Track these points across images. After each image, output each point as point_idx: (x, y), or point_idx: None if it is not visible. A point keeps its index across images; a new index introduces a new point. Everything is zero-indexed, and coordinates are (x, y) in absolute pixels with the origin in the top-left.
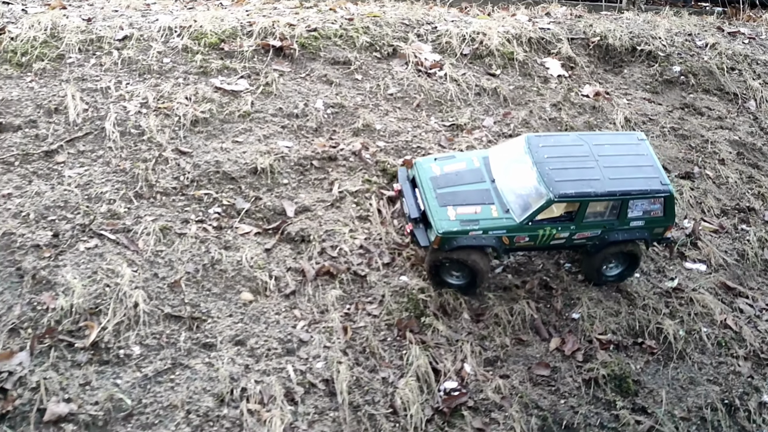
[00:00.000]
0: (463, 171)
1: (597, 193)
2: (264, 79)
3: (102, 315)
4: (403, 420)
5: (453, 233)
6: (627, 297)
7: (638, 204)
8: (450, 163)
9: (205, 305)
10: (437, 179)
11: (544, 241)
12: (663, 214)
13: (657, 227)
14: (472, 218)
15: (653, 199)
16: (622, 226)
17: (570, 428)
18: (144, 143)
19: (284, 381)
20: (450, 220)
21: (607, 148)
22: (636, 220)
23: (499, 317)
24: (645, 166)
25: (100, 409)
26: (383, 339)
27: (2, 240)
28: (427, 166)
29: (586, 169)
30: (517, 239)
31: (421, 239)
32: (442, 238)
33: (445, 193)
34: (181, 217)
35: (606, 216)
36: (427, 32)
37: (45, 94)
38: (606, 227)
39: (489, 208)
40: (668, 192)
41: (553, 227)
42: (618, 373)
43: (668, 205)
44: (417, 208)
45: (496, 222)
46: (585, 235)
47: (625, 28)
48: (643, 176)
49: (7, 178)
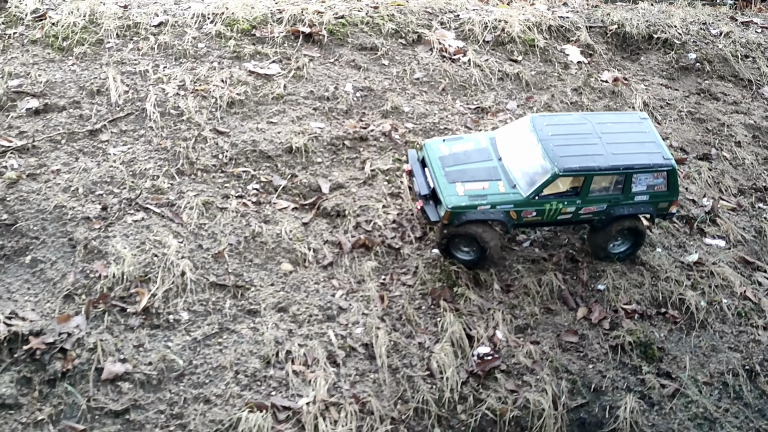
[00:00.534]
0: (471, 150)
1: (601, 168)
2: (295, 64)
3: (151, 282)
4: (440, 382)
5: (462, 208)
6: (650, 270)
7: (642, 178)
8: (458, 143)
9: (248, 275)
10: (446, 158)
11: (552, 216)
12: (667, 188)
13: (661, 202)
14: (480, 193)
15: (656, 173)
16: (627, 201)
17: (598, 391)
18: (183, 123)
19: (326, 345)
20: (459, 196)
21: (610, 126)
22: (640, 194)
23: (528, 288)
24: (647, 142)
25: (154, 369)
26: (418, 307)
27: (54, 212)
28: (435, 146)
29: (590, 145)
30: (525, 214)
31: (431, 215)
32: (451, 213)
33: (453, 171)
34: (221, 193)
35: (611, 191)
36: (449, 20)
37: (87, 76)
38: (611, 202)
39: (496, 183)
40: (671, 166)
41: (560, 202)
42: (643, 340)
43: (671, 179)
44: (427, 185)
45: (503, 197)
46: (591, 210)
47: (641, 17)
48: (646, 151)
49: (55, 155)
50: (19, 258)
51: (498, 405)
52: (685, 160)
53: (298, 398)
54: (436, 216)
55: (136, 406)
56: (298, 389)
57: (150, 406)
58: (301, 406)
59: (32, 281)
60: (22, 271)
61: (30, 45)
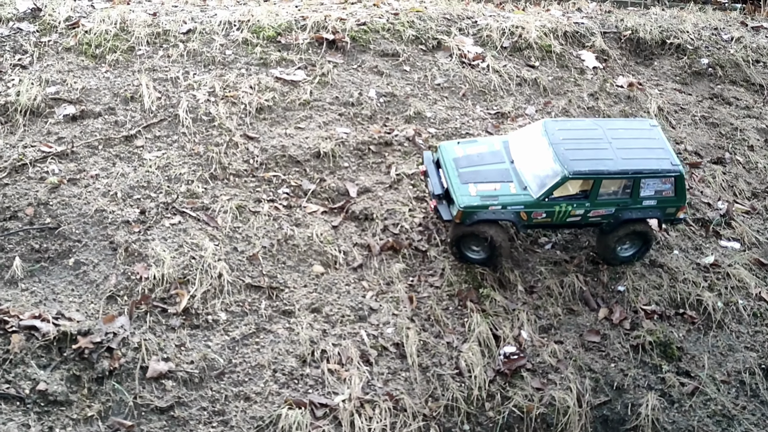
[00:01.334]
0: (484, 153)
1: (610, 171)
2: (320, 70)
3: (190, 284)
4: (468, 380)
5: (473, 207)
6: (668, 272)
7: (650, 183)
8: (472, 146)
9: (282, 276)
10: (459, 160)
11: (561, 218)
12: (674, 194)
13: (669, 207)
14: (491, 194)
15: (664, 178)
16: (635, 205)
17: (620, 389)
18: (215, 129)
19: (359, 344)
20: (471, 196)
21: (620, 132)
22: (648, 199)
23: (551, 289)
24: (656, 148)
25: (196, 368)
26: (446, 308)
27: (95, 216)
28: (450, 148)
29: (600, 150)
30: (535, 215)
31: (444, 214)
32: (463, 212)
33: (466, 172)
34: (253, 197)
35: (619, 195)
36: (468, 26)
37: (120, 83)
38: (619, 205)
39: (508, 185)
40: (678, 172)
41: (569, 204)
42: (663, 340)
43: (679, 185)
44: (441, 185)
45: (514, 198)
46: (600, 213)
47: (654, 23)
48: (655, 157)
49: (93, 160)
50: (62, 260)
51: (525, 402)
52: (700, 164)
53: (334, 396)
54: (449, 215)
55: (180, 403)
56: (334, 387)
57: (193, 403)
58: (337, 404)
59: (76, 283)
60: (66, 273)
61: (64, 52)
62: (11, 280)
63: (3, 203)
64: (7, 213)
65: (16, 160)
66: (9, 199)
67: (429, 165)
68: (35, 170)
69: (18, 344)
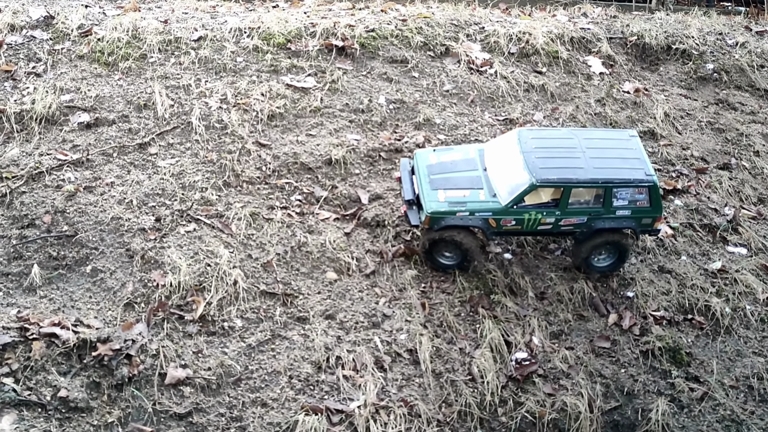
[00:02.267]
0: (459, 160)
1: (579, 180)
2: (330, 77)
3: (206, 291)
4: (481, 386)
5: (441, 213)
6: (676, 277)
7: (623, 193)
8: (447, 154)
9: (296, 283)
10: (433, 167)
11: (531, 226)
12: (649, 204)
13: (644, 218)
14: (460, 200)
15: (638, 188)
16: (608, 215)
17: (631, 394)
18: (227, 136)
19: (373, 350)
20: (439, 202)
21: (596, 141)
22: (622, 209)
23: (561, 295)
24: (631, 158)
25: (213, 374)
26: (458, 314)
27: (111, 224)
28: (425, 155)
29: (572, 158)
30: (504, 222)
31: (412, 219)
32: (431, 218)
33: (438, 179)
34: (266, 204)
35: (591, 204)
36: (475, 32)
37: (133, 91)
38: (591, 215)
39: (477, 192)
40: (651, 182)
41: (539, 212)
42: (672, 345)
43: (653, 195)
44: (412, 191)
45: (483, 204)
46: (571, 222)
47: (659, 28)
48: (628, 167)
49: (108, 168)
50: (80, 268)
51: (537, 408)
52: (706, 170)
53: (349, 402)
54: (417, 220)
55: (198, 409)
56: (349, 393)
57: (211, 409)
58: (353, 410)
59: (93, 290)
60: (83, 281)
61: (78, 60)
62: (30, 288)
63: (21, 211)
64: (24, 221)
65: (33, 168)
66: (26, 207)
67: (403, 171)
68: (52, 178)
69: (39, 351)
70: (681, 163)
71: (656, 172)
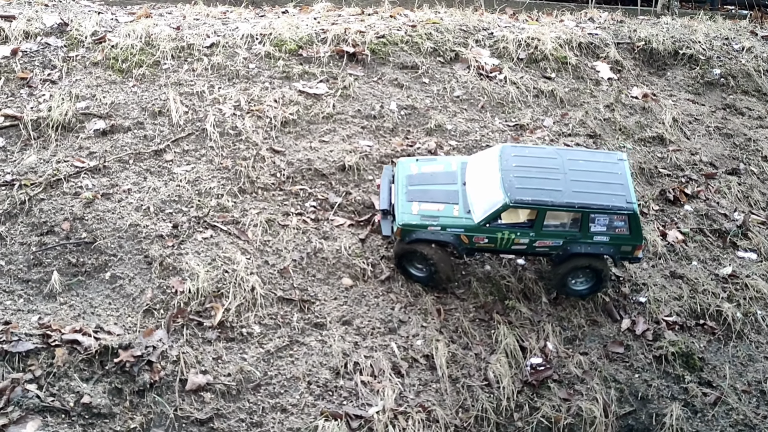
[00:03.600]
0: (439, 172)
1: (554, 203)
2: (341, 83)
3: (224, 297)
4: (497, 391)
5: (412, 226)
6: (688, 282)
7: (601, 219)
8: (429, 165)
9: (312, 289)
10: (412, 177)
11: (505, 245)
12: (629, 232)
13: (624, 245)
14: (433, 214)
15: (616, 215)
16: (585, 240)
17: (645, 399)
18: (242, 143)
19: (390, 356)
20: (412, 214)
21: (581, 163)
22: (600, 235)
23: (575, 300)
24: (615, 183)
25: (233, 380)
26: (473, 320)
27: (129, 231)
28: (407, 165)
29: (551, 180)
30: (477, 239)
31: (384, 229)
32: (402, 230)
33: (415, 190)
34: (282, 210)
35: (568, 227)
36: (484, 38)
37: (148, 97)
38: (567, 238)
39: (452, 207)
40: (631, 210)
41: (512, 232)
42: (684, 350)
43: (633, 223)
44: (388, 201)
45: (455, 220)
46: (546, 244)
47: (666, 33)
48: (609, 192)
49: (125, 175)
50: (99, 274)
51: (552, 413)
52: (715, 175)
53: (368, 407)
54: (389, 231)
55: (218, 415)
56: (368, 399)
57: (231, 415)
58: (372, 415)
59: (113, 296)
60: (102, 287)
61: (92, 67)
62: (50, 294)
63: (40, 218)
64: (44, 228)
65: (51, 175)
66: (45, 214)
67: (384, 180)
68: (69, 185)
69: (61, 358)
70: (690, 168)
71: (666, 177)
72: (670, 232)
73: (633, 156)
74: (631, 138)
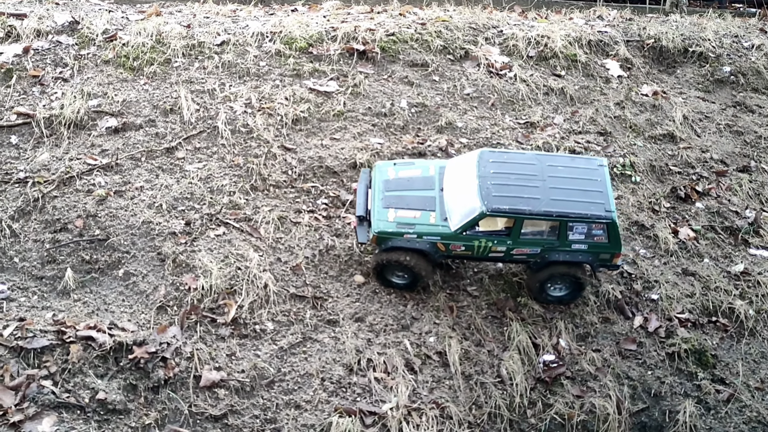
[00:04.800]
0: (416, 177)
1: (532, 212)
2: (352, 81)
3: (237, 294)
4: (510, 388)
5: (388, 234)
6: (700, 280)
7: (579, 227)
8: (406, 169)
9: (325, 286)
10: (389, 182)
11: (482, 253)
12: (608, 240)
13: (602, 253)
14: (409, 222)
15: (595, 224)
16: (563, 248)
17: (658, 396)
18: (253, 140)
19: (403, 353)
20: (387, 221)
21: (560, 170)
22: (578, 243)
23: (586, 298)
24: (594, 191)
25: (247, 377)
26: (485, 317)
27: (142, 228)
28: (384, 169)
29: (529, 187)
30: (453, 247)
31: (360, 236)
32: (378, 237)
33: (391, 196)
34: (293, 208)
35: (545, 235)
36: (494, 35)
37: (159, 95)
38: (545, 246)
39: (429, 214)
40: (610, 219)
41: (489, 240)
42: (697, 347)
43: (612, 232)
44: (364, 206)
45: (432, 228)
46: (524, 252)
47: (675, 31)
48: (588, 200)
49: (137, 172)
50: (112, 271)
51: (565, 409)
52: (726, 173)
53: (381, 404)
54: (365, 238)
55: (232, 411)
56: (381, 395)
57: (245, 411)
58: (385, 412)
59: (126, 293)
60: (116, 284)
61: (103, 65)
62: (64, 291)
63: (53, 215)
64: (57, 225)
65: (64, 173)
66: (59, 211)
67: (360, 184)
68: (82, 183)
69: (76, 354)
70: (701, 166)
71: (676, 174)
72: (682, 230)
73: (644, 153)
74: (641, 135)
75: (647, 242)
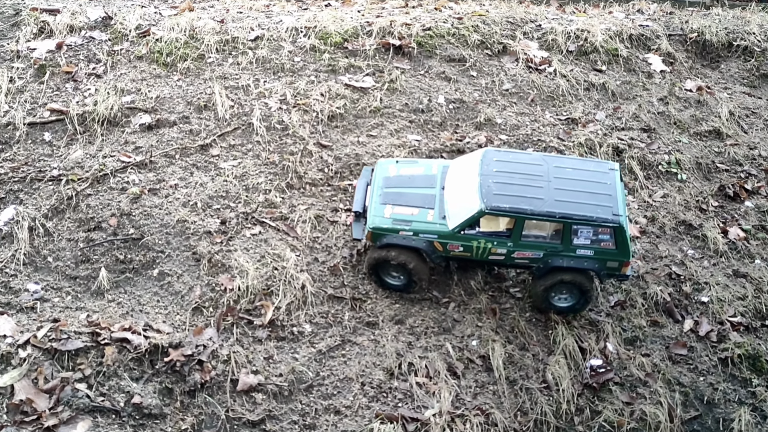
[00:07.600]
0: (418, 176)
1: (534, 212)
2: (388, 77)
3: (274, 295)
4: (556, 393)
5: (383, 230)
6: (752, 281)
7: (584, 231)
8: (408, 167)
9: (363, 287)
10: (390, 179)
11: (481, 255)
12: (615, 246)
13: (609, 261)
14: (406, 218)
15: (601, 228)
16: (567, 253)
17: (711, 404)
18: (288, 137)
19: (445, 357)
20: (383, 218)
21: (568, 171)
22: (583, 248)
23: (634, 300)
24: (602, 194)
25: (285, 381)
26: (529, 319)
27: (177, 227)
28: (386, 166)
29: (533, 187)
30: (451, 247)
31: (355, 232)
32: (372, 233)
33: (390, 193)
34: (330, 206)
35: (549, 239)
36: (532, 30)
37: (193, 91)
38: (548, 250)
39: (426, 212)
40: (617, 223)
41: (489, 241)
42: (751, 352)
43: (619, 237)
44: (362, 203)
45: (429, 226)
46: (526, 255)
47: (718, 24)
48: (595, 203)
49: (171, 170)
50: (146, 271)
51: (615, 417)
52: None
53: (424, 410)
54: (360, 234)
55: (270, 416)
56: (423, 401)
57: (284, 416)
58: (428, 418)
59: (161, 294)
60: (150, 284)
61: (137, 61)
62: (98, 291)
63: (87, 214)
64: (91, 224)
65: (97, 171)
66: (93, 209)
67: (361, 180)
68: (116, 180)
69: (111, 357)
70: (749, 163)
71: (724, 172)
72: (731, 229)
73: (689, 150)
74: (686, 132)
75: (695, 242)
